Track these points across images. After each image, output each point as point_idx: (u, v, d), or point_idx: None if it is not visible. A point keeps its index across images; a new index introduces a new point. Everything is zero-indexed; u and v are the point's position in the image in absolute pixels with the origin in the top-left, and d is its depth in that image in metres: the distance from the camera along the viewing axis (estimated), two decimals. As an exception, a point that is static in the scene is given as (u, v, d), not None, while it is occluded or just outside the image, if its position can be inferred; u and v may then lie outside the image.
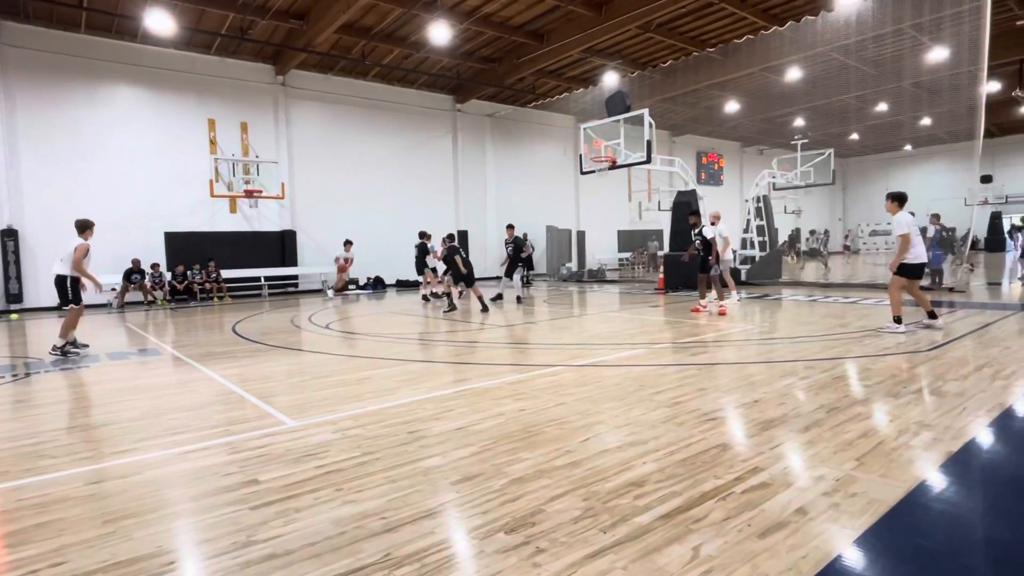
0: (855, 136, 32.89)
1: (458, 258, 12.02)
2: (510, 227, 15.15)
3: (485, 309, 11.73)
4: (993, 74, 19.56)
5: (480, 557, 2.36)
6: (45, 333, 10.67)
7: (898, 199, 7.79)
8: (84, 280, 8.07)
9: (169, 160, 16.53)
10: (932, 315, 7.85)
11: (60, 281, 7.97)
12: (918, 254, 7.67)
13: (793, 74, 20.49)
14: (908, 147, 36.81)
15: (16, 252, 14.51)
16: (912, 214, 13.91)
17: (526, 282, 17.60)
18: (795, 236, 29.41)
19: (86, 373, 6.67)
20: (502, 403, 4.72)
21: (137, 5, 14.10)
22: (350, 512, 2.80)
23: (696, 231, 11.09)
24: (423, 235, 14.76)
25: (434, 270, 15.07)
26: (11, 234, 14.44)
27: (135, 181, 16.06)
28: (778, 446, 3.56)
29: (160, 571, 2.34)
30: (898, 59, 20.17)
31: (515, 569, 2.25)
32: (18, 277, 14.60)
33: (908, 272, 7.70)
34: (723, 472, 3.16)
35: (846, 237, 31.69)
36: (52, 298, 14.83)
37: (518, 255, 14.11)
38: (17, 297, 14.60)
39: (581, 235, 24.54)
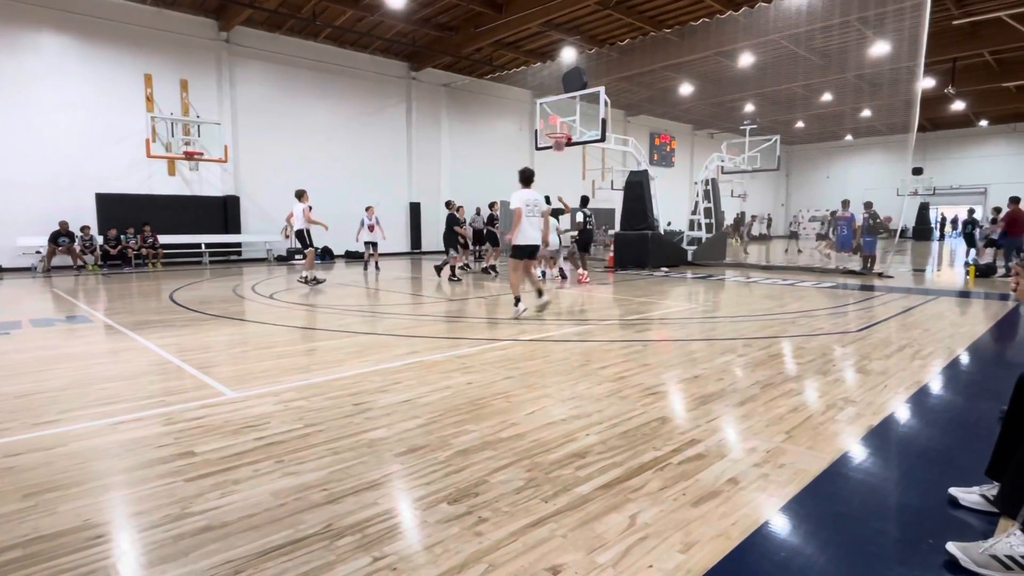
0: (800, 124, 33.99)
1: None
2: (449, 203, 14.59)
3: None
4: (929, 71, 20.50)
5: (423, 527, 2.37)
6: (-40, 297, 9.93)
7: (522, 178, 7.68)
8: (312, 227, 11.88)
9: (101, 116, 15.50)
10: (540, 293, 7.84)
11: (299, 233, 11.83)
12: (528, 236, 7.64)
13: (745, 60, 20.90)
14: (849, 137, 38.35)
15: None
16: (845, 202, 14.39)
17: (477, 257, 17.49)
18: (740, 219, 30.33)
19: (6, 340, 6.27)
20: (450, 376, 4.72)
21: (63, -56, 13.00)
22: (291, 484, 2.75)
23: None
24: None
25: (464, 244, 14.50)
26: (-81, 189, 13.29)
27: (63, 138, 15.00)
28: (715, 419, 3.71)
29: (87, 545, 2.25)
30: (843, 51, 20.86)
31: (457, 538, 2.27)
32: None
33: (517, 253, 7.76)
34: (662, 444, 3.27)
35: (791, 223, 32.88)
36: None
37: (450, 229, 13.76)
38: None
39: (535, 211, 24.57)
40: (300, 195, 11.83)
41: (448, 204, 14.30)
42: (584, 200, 13.56)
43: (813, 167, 42.38)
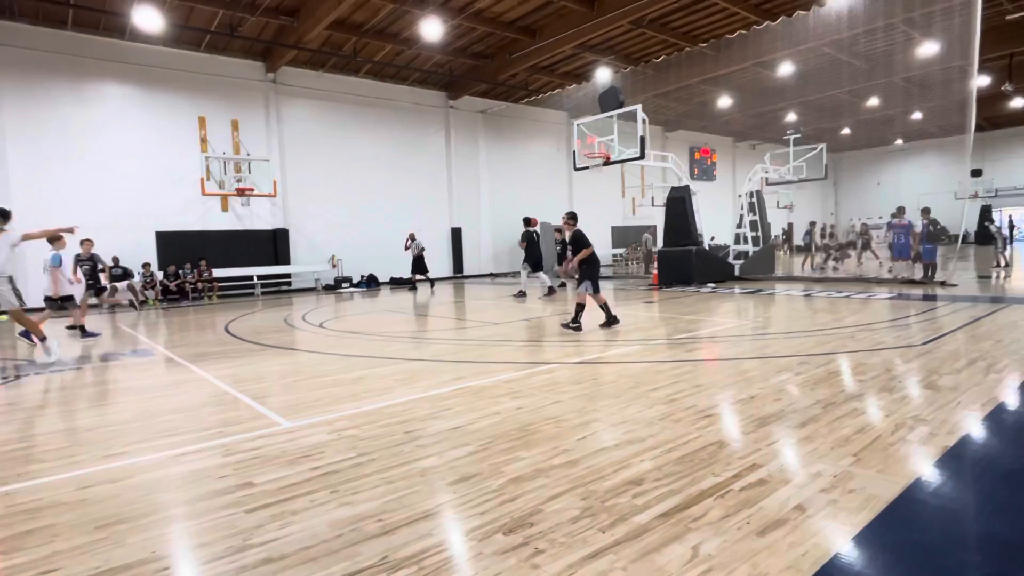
0: (847, 131, 33.01)
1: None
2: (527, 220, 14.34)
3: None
4: (984, 68, 19.63)
5: (479, 559, 2.34)
6: (35, 334, 10.53)
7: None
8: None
9: (159, 159, 16.38)
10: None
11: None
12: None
13: (785, 69, 20.53)
14: (899, 141, 36.98)
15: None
16: (900, 209, 13.84)
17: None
18: (789, 231, 29.48)
19: (77, 375, 6.61)
20: (499, 401, 4.70)
21: (125, 2, 13.94)
22: (346, 514, 2.77)
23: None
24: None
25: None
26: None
27: (125, 180, 15.90)
28: (775, 442, 3.56)
29: (154, 577, 2.31)
30: (889, 54, 20.25)
31: (514, 570, 2.23)
32: (73, 273, 14.39)
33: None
34: (721, 469, 3.15)
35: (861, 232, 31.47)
36: (40, 299, 14.80)
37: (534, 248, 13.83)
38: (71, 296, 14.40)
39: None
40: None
41: (528, 221, 14.13)
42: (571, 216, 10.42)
43: (862, 174, 40.96)
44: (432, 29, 15.41)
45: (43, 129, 14.85)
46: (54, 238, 9.19)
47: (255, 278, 17.78)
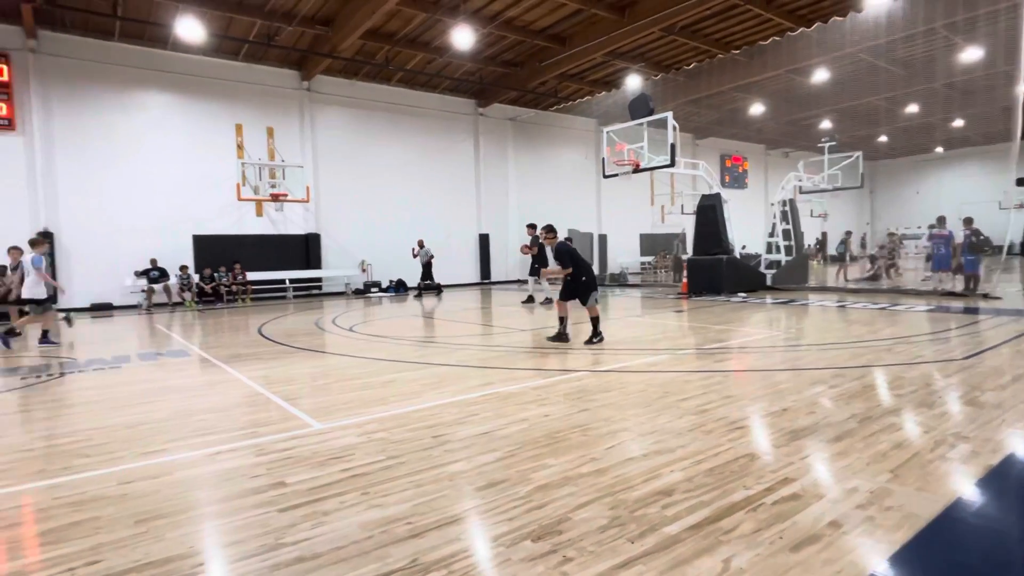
0: (884, 138, 32.22)
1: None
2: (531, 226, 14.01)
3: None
4: (1030, 74, 19.00)
5: (507, 565, 2.34)
6: (79, 333, 10.94)
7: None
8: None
9: (198, 164, 16.87)
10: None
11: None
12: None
13: (820, 76, 20.16)
14: (939, 149, 35.95)
15: (51, 254, 14.91)
16: (941, 219, 13.45)
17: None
18: (823, 241, 28.84)
19: (117, 374, 6.83)
20: (526, 408, 4.71)
21: (168, 13, 14.44)
22: (376, 516, 2.81)
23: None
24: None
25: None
26: (47, 236, 14.84)
27: (165, 185, 16.42)
28: (808, 456, 3.49)
29: (191, 572, 2.38)
30: (930, 60, 19.73)
31: (542, 578, 2.23)
32: (53, 278, 14.97)
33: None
34: (752, 482, 3.10)
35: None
36: (86, 299, 15.39)
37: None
38: (52, 298, 14.95)
39: (603, 239, 24.44)
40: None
41: (535, 227, 13.89)
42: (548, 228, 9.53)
43: (900, 183, 39.88)
44: (463, 38, 15.58)
45: (89, 136, 15.44)
46: (36, 242, 9.49)
47: (287, 282, 18.13)
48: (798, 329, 9.10)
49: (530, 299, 14.00)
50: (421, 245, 17.57)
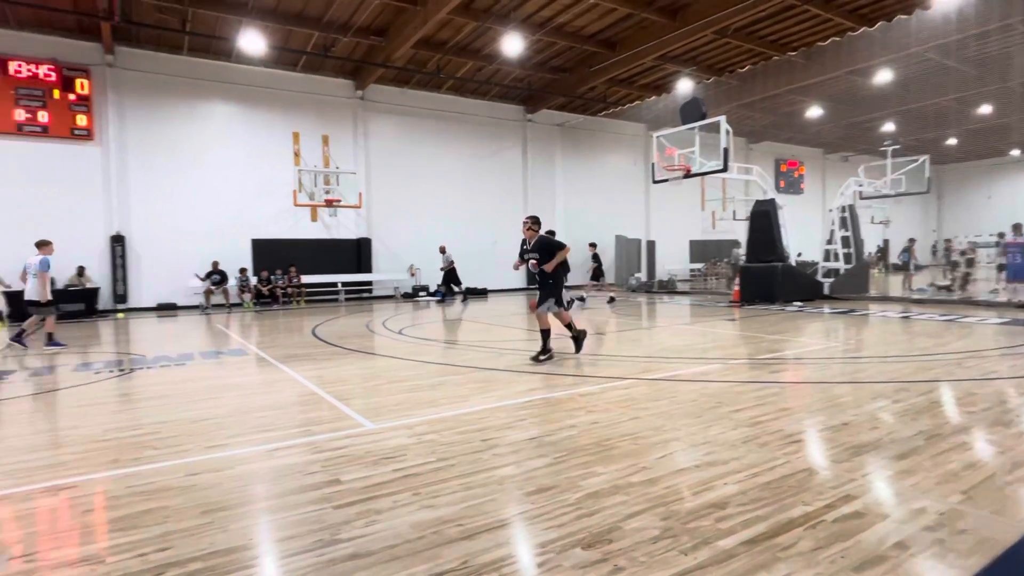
0: (953, 141, 30.56)
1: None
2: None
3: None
4: (1119, 71, 17.72)
5: (557, 571, 2.34)
6: (147, 331, 11.54)
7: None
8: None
9: (257, 171, 17.57)
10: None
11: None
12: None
13: (883, 76, 19.31)
14: (1015, 152, 33.85)
15: (123, 257, 15.82)
16: (1017, 227, 12.68)
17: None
18: (884, 249, 27.60)
19: (182, 370, 7.17)
20: (574, 415, 4.69)
21: (232, 27, 15.13)
22: (428, 517, 2.85)
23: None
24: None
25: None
26: (119, 240, 15.76)
27: (226, 191, 17.17)
28: (871, 473, 3.34)
29: (253, 563, 2.47)
30: (1005, 57, 18.59)
31: (593, 586, 2.22)
32: (124, 280, 15.89)
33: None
34: (811, 498, 2.99)
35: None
36: (153, 299, 16.23)
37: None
38: (123, 298, 15.89)
39: (651, 245, 24.09)
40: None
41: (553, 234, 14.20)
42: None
43: (970, 188, 37.75)
44: (513, 45, 15.69)
45: (159, 146, 16.30)
46: (43, 243, 9.26)
47: (339, 285, 18.64)
48: (858, 340, 8.73)
49: (570, 302, 13.95)
50: (443, 251, 17.78)
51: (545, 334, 7.18)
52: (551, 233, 12.69)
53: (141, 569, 2.41)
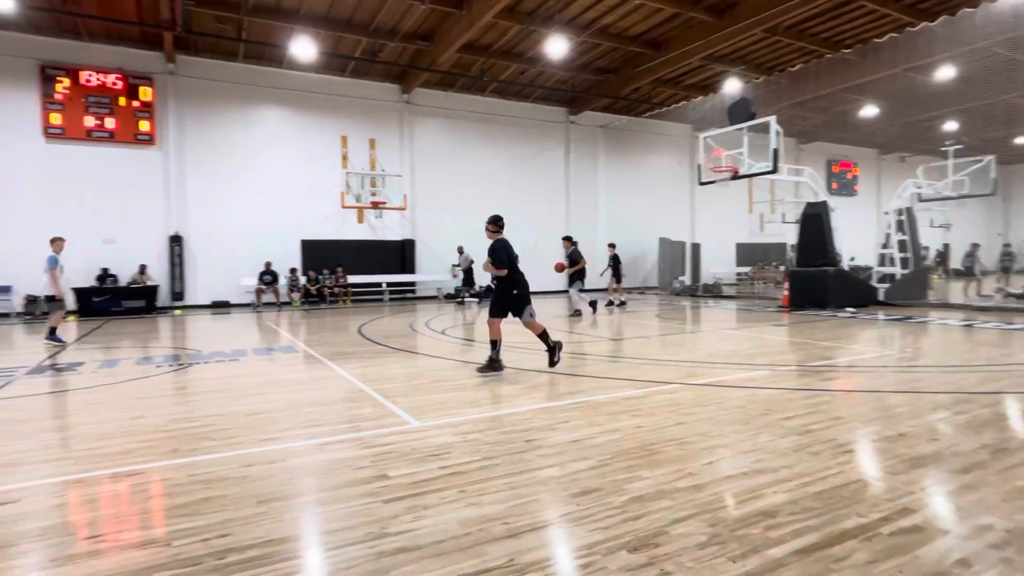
0: (1021, 140, 28.92)
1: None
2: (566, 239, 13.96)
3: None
4: None
5: (603, 573, 2.34)
6: (202, 328, 12.03)
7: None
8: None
9: (306, 174, 18.10)
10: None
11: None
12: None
13: (944, 73, 18.44)
14: (1090, 151, 31.74)
15: (181, 256, 16.54)
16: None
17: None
18: (945, 253, 26.33)
19: (236, 366, 7.45)
20: (618, 418, 4.66)
21: (284, 34, 15.65)
22: (474, 514, 2.89)
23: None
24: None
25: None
26: (177, 240, 16.49)
27: (277, 194, 17.75)
28: (930, 486, 3.21)
29: (305, 552, 2.56)
30: (1080, 51, 17.52)
31: (640, 589, 2.21)
32: (181, 278, 16.61)
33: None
34: (866, 510, 2.90)
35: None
36: (208, 297, 16.90)
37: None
38: (179, 295, 16.62)
39: (696, 248, 23.67)
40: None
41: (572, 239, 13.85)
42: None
43: (1040, 189, 35.62)
44: (557, 47, 15.69)
45: (215, 150, 17.00)
46: (54, 240, 9.45)
47: (384, 285, 19.00)
48: (916, 348, 8.37)
49: (580, 311, 13.62)
50: (460, 252, 17.82)
51: (543, 337, 6.72)
52: (569, 240, 12.91)
53: (205, 553, 2.53)
